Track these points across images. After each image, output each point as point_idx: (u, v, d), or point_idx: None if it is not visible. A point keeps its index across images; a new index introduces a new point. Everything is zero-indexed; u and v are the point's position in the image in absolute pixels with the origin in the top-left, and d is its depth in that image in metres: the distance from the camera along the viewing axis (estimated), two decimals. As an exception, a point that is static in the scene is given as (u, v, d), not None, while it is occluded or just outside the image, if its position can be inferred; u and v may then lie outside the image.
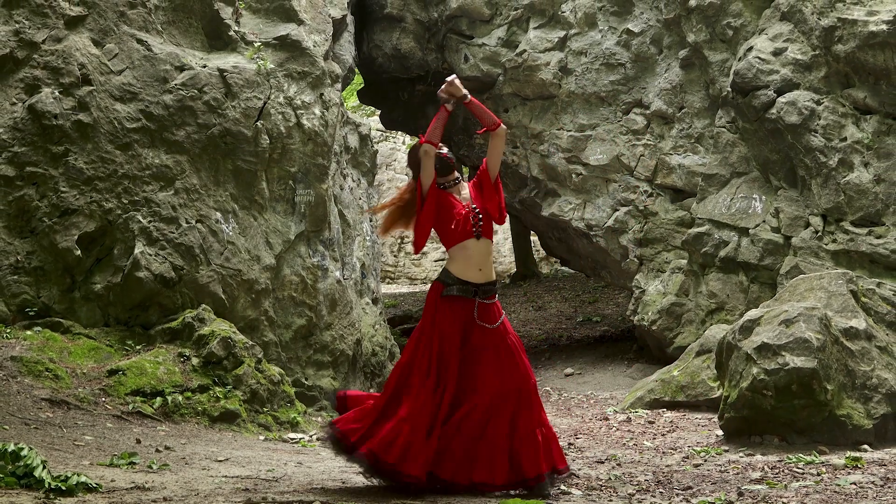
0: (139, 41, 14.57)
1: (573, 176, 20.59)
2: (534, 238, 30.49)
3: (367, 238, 18.52)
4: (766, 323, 12.01)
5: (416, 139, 9.95)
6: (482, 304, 8.94)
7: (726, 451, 11.49)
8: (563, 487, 9.06)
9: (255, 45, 15.51)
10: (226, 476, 9.64)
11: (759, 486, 9.29)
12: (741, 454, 11.23)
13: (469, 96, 9.54)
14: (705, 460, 11.00)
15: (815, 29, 16.80)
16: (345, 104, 19.67)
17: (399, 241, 37.80)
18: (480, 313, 8.91)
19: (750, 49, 17.51)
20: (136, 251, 13.84)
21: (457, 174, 9.36)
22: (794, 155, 17.05)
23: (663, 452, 11.74)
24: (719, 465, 10.68)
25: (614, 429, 13.75)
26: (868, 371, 11.77)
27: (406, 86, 23.64)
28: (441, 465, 8.64)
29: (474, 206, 9.08)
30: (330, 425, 9.12)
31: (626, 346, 21.88)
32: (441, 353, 8.79)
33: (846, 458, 10.54)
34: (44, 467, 8.17)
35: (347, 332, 16.22)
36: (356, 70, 21.67)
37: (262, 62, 15.32)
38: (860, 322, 12.23)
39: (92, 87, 14.05)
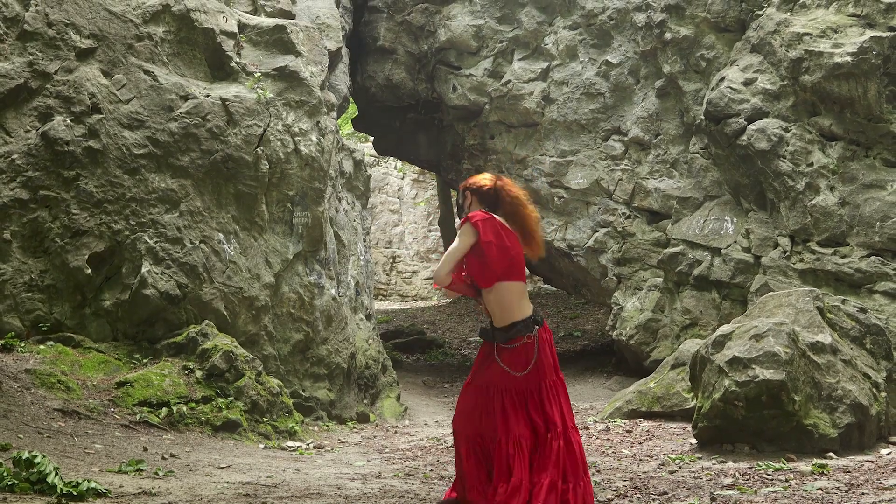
0: (146, 72, 14.63)
1: (555, 199, 20.65)
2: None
3: (361, 257, 18.56)
4: (738, 338, 12.05)
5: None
6: (499, 348, 7.99)
7: (700, 458, 11.51)
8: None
9: (256, 75, 15.56)
10: (228, 482, 9.67)
11: (730, 492, 9.33)
12: (714, 461, 11.26)
13: None
14: (680, 467, 11.03)
15: (783, 60, 16.90)
16: (340, 131, 19.72)
17: (391, 260, 37.79)
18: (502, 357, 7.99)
19: (722, 79, 17.61)
20: (143, 270, 13.87)
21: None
22: (763, 179, 17.13)
23: (640, 460, 11.77)
24: (693, 471, 10.71)
25: (594, 437, 13.77)
26: (833, 383, 11.81)
27: (398, 114, 23.70)
28: None
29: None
30: None
31: (606, 360, 21.91)
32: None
33: (813, 465, 10.57)
34: (56, 474, 8.20)
35: (342, 347, 16.24)
36: (350, 99, 21.73)
37: (261, 92, 15.37)
38: (826, 337, 12.28)
39: (101, 116, 14.10)
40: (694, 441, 12.30)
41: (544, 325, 8.18)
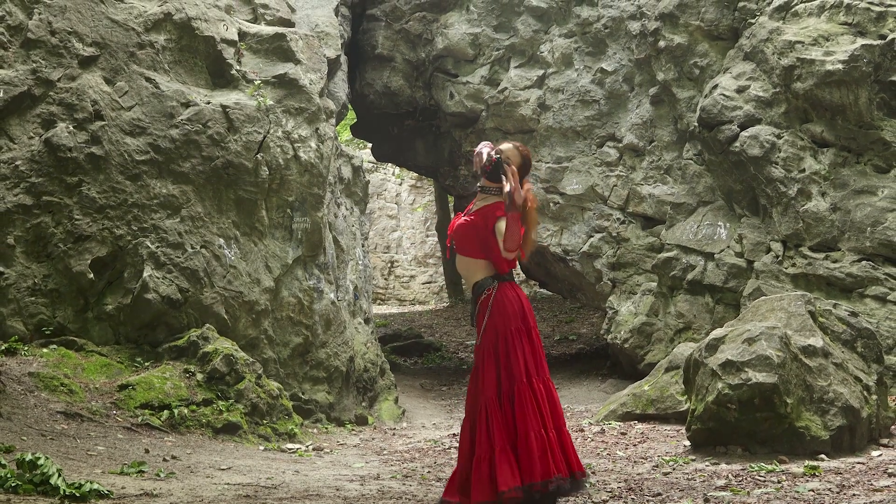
0: (148, 79, 14.65)
1: (551, 205, 20.65)
2: (515, 262, 30.54)
3: (360, 262, 18.56)
4: (731, 341, 12.06)
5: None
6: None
7: (693, 460, 11.51)
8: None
9: (256, 82, 15.58)
10: (228, 483, 9.68)
11: (723, 493, 9.34)
12: (707, 463, 11.26)
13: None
14: (674, 469, 11.04)
15: (775, 68, 16.93)
16: (339, 138, 19.71)
17: (389, 265, 37.81)
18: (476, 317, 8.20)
19: (715, 87, 17.65)
20: (145, 274, 13.88)
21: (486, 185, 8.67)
22: (756, 185, 17.16)
23: (635, 461, 11.77)
24: (687, 473, 10.72)
25: (589, 440, 13.77)
26: (825, 386, 11.82)
27: (396, 121, 23.71)
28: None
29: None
30: None
31: (600, 363, 21.91)
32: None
33: (805, 466, 10.58)
34: (59, 475, 8.21)
35: (341, 350, 16.24)
36: (349, 106, 21.72)
37: (261, 99, 15.39)
38: (818, 340, 12.28)
39: (104, 122, 14.12)
40: (687, 443, 12.30)
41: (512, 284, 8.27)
